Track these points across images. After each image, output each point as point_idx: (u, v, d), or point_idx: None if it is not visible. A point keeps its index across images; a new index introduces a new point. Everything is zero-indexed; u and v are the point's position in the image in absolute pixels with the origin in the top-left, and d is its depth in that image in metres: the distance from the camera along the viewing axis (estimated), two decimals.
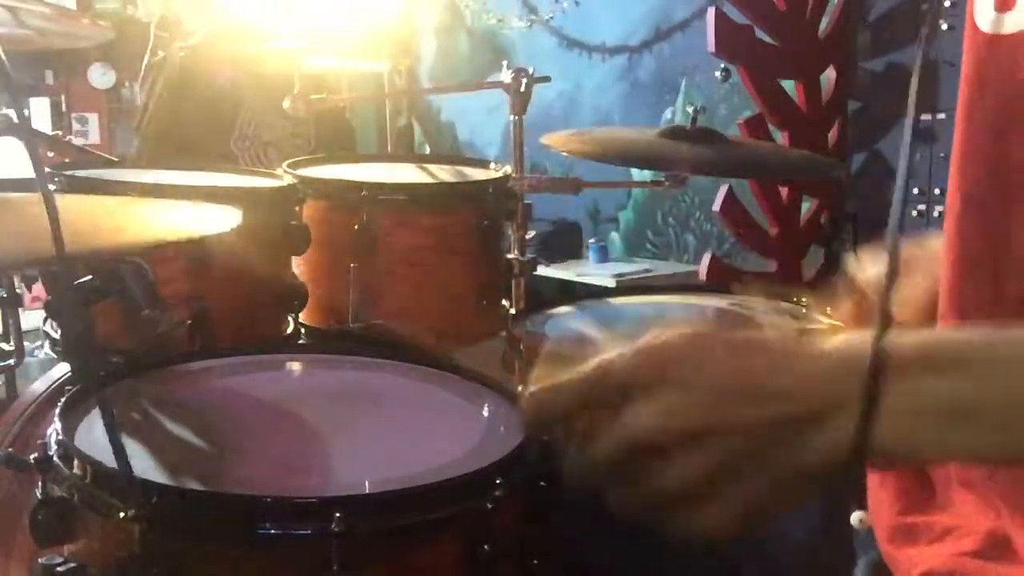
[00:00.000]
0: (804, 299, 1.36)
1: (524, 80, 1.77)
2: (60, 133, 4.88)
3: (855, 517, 0.88)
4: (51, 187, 1.31)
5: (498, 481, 0.86)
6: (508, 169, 1.73)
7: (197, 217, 1.12)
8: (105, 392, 1.02)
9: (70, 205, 1.19)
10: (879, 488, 0.85)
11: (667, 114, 3.55)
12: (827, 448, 0.55)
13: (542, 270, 3.07)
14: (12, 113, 1.34)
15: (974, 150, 0.75)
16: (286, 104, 1.89)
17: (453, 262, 1.58)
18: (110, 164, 1.69)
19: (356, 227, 1.50)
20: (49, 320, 1.29)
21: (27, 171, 0.76)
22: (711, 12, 2.68)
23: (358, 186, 1.54)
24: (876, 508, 0.85)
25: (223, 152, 2.55)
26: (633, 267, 3.48)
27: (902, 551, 0.79)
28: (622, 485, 0.59)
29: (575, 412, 0.59)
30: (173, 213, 1.16)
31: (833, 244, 2.99)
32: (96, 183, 1.41)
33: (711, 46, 2.69)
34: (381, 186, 1.57)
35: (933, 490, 0.81)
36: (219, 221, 1.04)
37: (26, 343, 1.47)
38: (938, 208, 2.27)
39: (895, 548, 0.80)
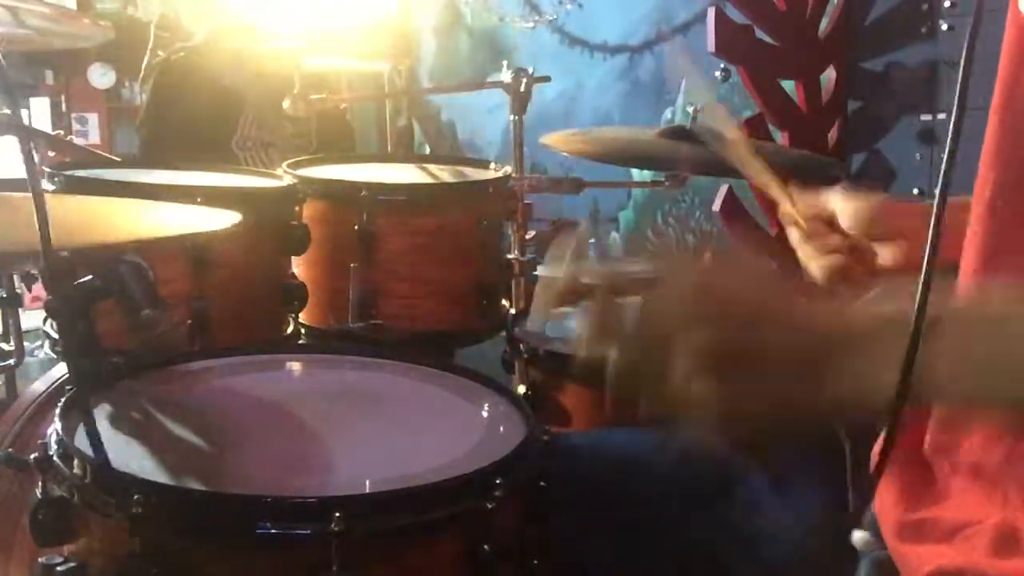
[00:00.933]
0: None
1: (524, 80, 1.77)
2: (61, 132, 4.89)
3: (857, 537, 0.88)
4: (50, 187, 1.32)
5: (498, 481, 0.86)
6: (508, 169, 1.74)
7: (196, 217, 1.12)
8: (86, 392, 1.03)
9: (70, 205, 1.20)
10: (884, 485, 0.85)
11: (667, 114, 3.55)
12: (851, 384, 0.61)
13: (542, 270, 3.07)
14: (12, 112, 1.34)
15: (1009, 139, 0.75)
16: (286, 104, 1.89)
17: (453, 262, 1.58)
18: (111, 164, 1.69)
19: (356, 227, 1.50)
20: (49, 320, 1.29)
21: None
22: (711, 12, 2.67)
23: (358, 186, 1.54)
24: (882, 505, 0.85)
25: (225, 153, 2.55)
26: (633, 267, 3.47)
27: (910, 548, 0.79)
28: (662, 387, 0.64)
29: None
30: (173, 213, 1.16)
31: None
32: (96, 183, 1.42)
33: (711, 46, 2.68)
34: (381, 186, 1.57)
35: (937, 484, 0.81)
36: (218, 220, 1.04)
37: (26, 343, 1.47)
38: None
39: (902, 545, 0.80)
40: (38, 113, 5.72)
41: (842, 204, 0.97)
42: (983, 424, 0.76)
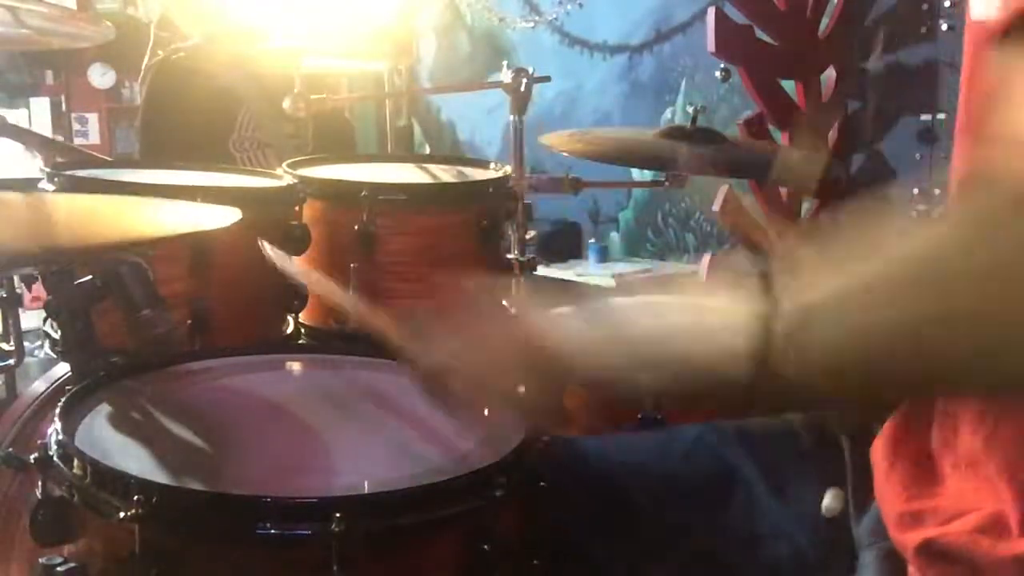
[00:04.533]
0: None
1: (524, 80, 1.76)
2: (61, 137, 4.88)
3: (827, 497, 0.89)
4: (50, 187, 1.32)
5: (498, 481, 0.86)
6: (508, 169, 1.73)
7: (197, 214, 1.12)
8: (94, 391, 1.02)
9: (70, 204, 1.19)
10: (886, 477, 0.85)
11: (667, 114, 3.55)
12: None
13: (542, 270, 3.07)
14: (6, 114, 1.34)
15: (967, 135, 0.77)
16: (286, 104, 1.89)
17: (453, 262, 1.58)
18: (104, 164, 1.69)
19: (356, 227, 1.50)
20: (49, 320, 1.29)
21: (26, 171, 0.76)
22: (711, 12, 2.68)
23: (358, 186, 1.54)
24: (883, 496, 0.85)
25: (222, 154, 2.55)
26: (633, 267, 3.48)
27: (909, 536, 0.79)
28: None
29: None
30: (173, 211, 1.16)
31: None
32: (96, 183, 1.42)
33: (711, 46, 2.69)
34: (381, 186, 1.57)
35: (939, 476, 0.81)
36: (218, 218, 1.04)
37: (26, 343, 1.47)
38: (938, 209, 2.27)
39: (902, 533, 0.80)
40: (38, 113, 5.72)
41: None
42: (968, 415, 0.77)
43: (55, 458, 0.86)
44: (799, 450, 1.02)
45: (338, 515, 0.77)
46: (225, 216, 1.04)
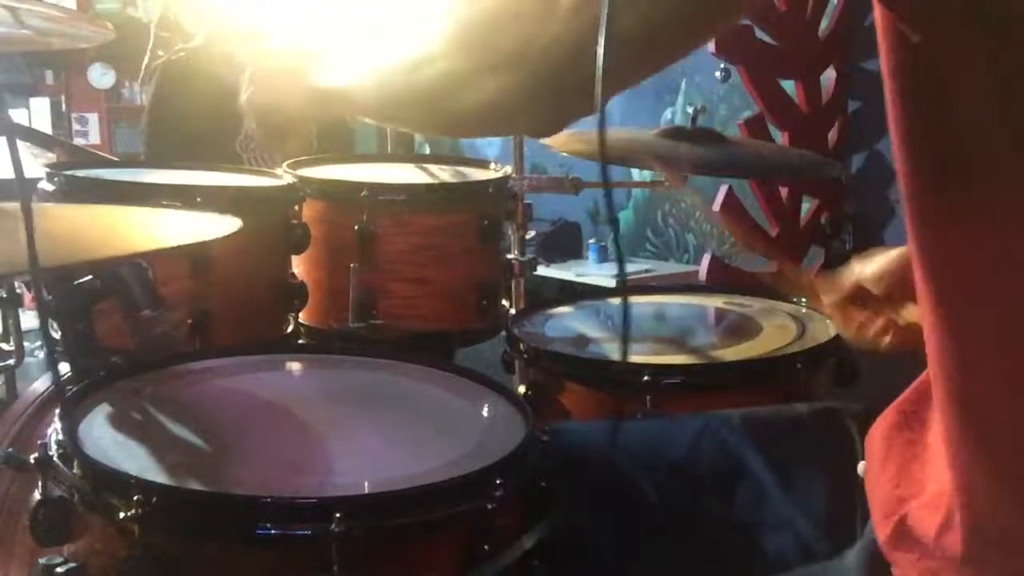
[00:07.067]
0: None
1: None
2: (62, 136, 4.87)
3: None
4: (50, 187, 1.32)
5: (498, 481, 0.86)
6: (508, 169, 1.73)
7: (197, 224, 1.12)
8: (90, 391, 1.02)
9: (73, 212, 1.19)
10: (879, 470, 0.85)
11: (667, 114, 3.55)
12: None
13: (542, 270, 3.08)
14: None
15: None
16: None
17: (453, 262, 1.58)
18: (108, 164, 1.69)
19: (356, 227, 1.50)
20: (49, 320, 1.29)
21: (26, 171, 0.76)
22: None
23: (358, 186, 1.54)
24: (873, 489, 0.85)
25: (229, 154, 2.54)
26: (633, 267, 3.48)
27: (888, 522, 0.79)
28: None
29: None
30: (174, 220, 1.16)
31: (833, 244, 2.99)
32: (96, 183, 1.42)
33: (711, 46, 2.69)
34: (381, 186, 1.57)
35: (931, 467, 0.81)
36: (219, 227, 1.04)
37: (26, 343, 1.47)
38: None
39: (883, 519, 0.80)
40: (38, 113, 5.72)
41: (865, 272, 1.04)
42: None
43: (55, 458, 0.86)
44: (806, 439, 1.02)
45: (338, 515, 0.77)
46: (225, 225, 1.03)
